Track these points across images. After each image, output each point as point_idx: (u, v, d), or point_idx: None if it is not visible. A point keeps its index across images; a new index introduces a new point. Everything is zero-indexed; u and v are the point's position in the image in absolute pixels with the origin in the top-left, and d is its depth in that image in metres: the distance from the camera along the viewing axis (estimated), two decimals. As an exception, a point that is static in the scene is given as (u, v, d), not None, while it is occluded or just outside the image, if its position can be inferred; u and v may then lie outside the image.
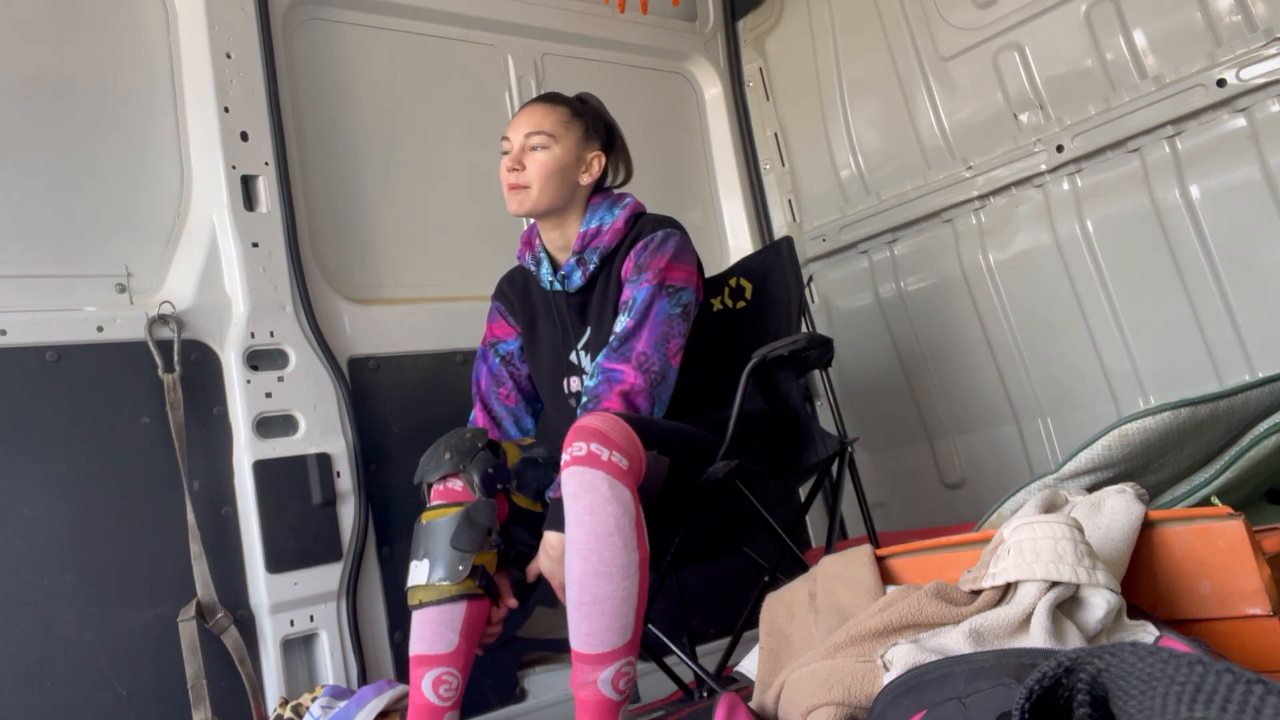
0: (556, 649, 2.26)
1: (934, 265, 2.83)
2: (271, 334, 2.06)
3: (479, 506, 1.64)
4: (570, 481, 1.46)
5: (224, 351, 2.02)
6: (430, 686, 1.59)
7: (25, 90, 1.93)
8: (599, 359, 1.73)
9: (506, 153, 1.83)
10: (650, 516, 1.53)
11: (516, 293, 1.99)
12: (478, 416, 1.98)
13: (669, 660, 2.07)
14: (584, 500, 1.44)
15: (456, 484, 1.71)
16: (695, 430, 1.72)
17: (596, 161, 1.86)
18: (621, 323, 1.74)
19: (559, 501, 1.51)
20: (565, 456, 1.47)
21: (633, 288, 1.77)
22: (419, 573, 1.62)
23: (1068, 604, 1.04)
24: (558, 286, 1.88)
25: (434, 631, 1.60)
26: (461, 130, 2.56)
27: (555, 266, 1.89)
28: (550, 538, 1.58)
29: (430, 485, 1.74)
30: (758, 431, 1.88)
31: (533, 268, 1.92)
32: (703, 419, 1.78)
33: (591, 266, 1.82)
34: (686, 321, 1.77)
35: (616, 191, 1.93)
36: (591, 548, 1.42)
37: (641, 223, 1.84)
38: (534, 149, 1.80)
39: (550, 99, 1.89)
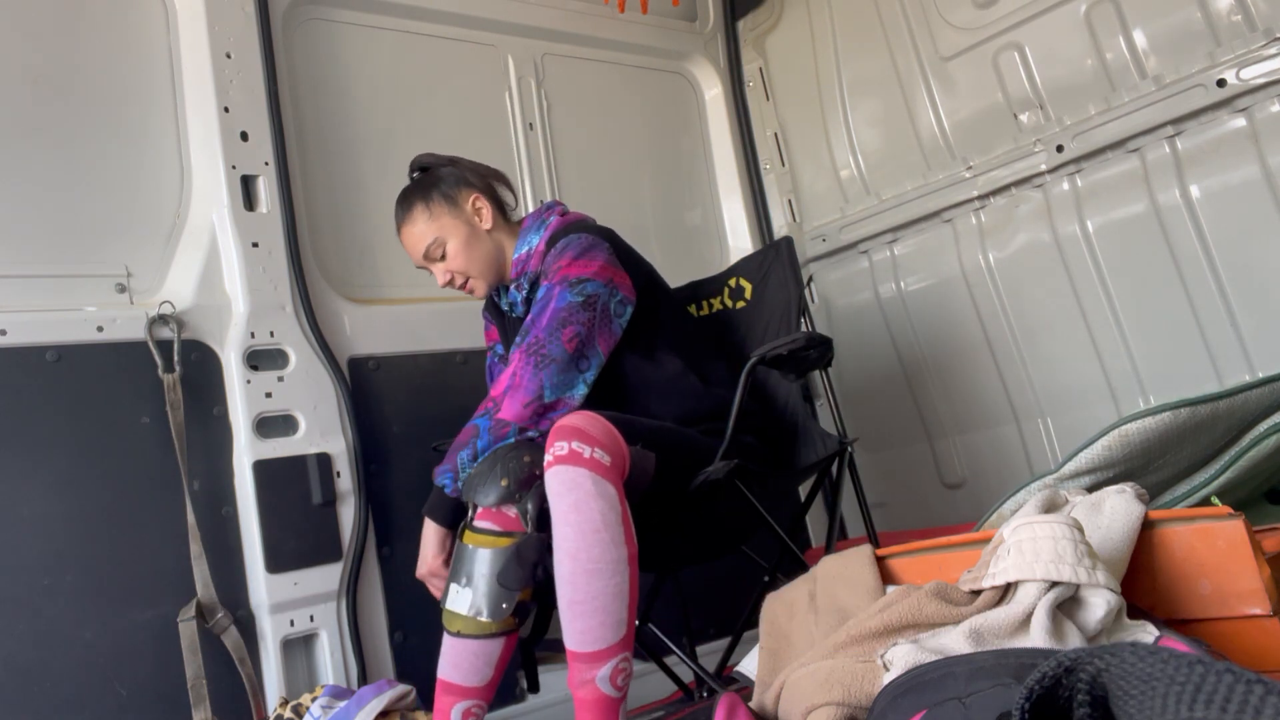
0: (556, 649, 2.26)
1: (934, 265, 2.83)
2: (271, 334, 2.06)
3: (530, 543, 1.55)
4: (554, 481, 1.45)
5: (224, 351, 2.02)
6: (460, 718, 1.58)
7: (25, 90, 1.93)
8: None
9: (432, 274, 1.90)
10: (644, 516, 1.53)
11: (494, 305, 2.05)
12: None
13: (669, 660, 2.07)
14: (569, 498, 1.44)
15: (510, 510, 1.60)
16: (677, 428, 1.72)
17: (480, 203, 1.88)
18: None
19: None
20: (548, 457, 1.47)
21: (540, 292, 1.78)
22: (460, 600, 1.56)
23: (1068, 604, 1.04)
24: (511, 314, 1.95)
25: (469, 664, 1.58)
26: (461, 130, 2.56)
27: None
28: None
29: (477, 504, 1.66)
30: (752, 429, 1.88)
31: (494, 295, 1.99)
32: (702, 419, 1.78)
33: (525, 292, 1.88)
34: (590, 311, 1.71)
35: (549, 208, 1.92)
36: (580, 545, 1.42)
37: (554, 236, 1.84)
38: (440, 259, 1.87)
39: (405, 209, 1.89)
